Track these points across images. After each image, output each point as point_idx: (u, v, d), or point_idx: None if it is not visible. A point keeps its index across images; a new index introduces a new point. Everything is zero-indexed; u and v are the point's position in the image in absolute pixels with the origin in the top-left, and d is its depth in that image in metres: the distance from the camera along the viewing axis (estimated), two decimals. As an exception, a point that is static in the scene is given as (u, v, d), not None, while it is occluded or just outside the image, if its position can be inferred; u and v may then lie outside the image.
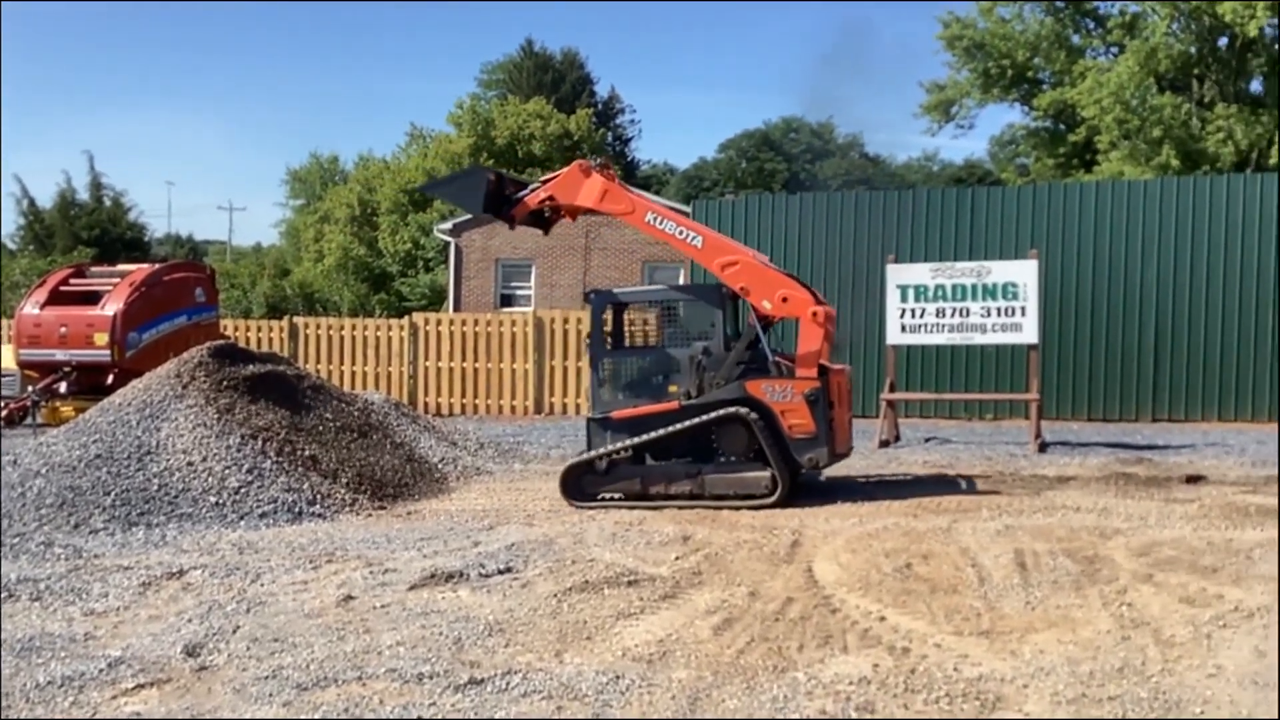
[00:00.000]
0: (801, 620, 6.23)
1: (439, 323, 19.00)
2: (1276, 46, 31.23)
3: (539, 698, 5.02)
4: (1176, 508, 8.85)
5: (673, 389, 9.89)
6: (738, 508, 9.44)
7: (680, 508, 9.52)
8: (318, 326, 19.53)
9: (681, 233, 10.05)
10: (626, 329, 10.44)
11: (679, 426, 9.71)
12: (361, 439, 11.22)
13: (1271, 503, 8.97)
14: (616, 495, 9.88)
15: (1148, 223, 15.87)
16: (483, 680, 5.23)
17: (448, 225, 32.31)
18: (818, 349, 9.75)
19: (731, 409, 9.61)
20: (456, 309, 30.07)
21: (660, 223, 10.09)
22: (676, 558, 7.67)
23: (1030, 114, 37.99)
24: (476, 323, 18.83)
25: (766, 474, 9.55)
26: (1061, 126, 36.57)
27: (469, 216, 32.53)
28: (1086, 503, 9.19)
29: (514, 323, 18.67)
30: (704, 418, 9.67)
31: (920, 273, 14.02)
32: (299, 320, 19.95)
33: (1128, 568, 7.05)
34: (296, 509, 9.51)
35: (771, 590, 6.84)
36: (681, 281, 25.42)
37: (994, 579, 6.95)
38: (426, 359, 18.69)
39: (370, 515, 9.73)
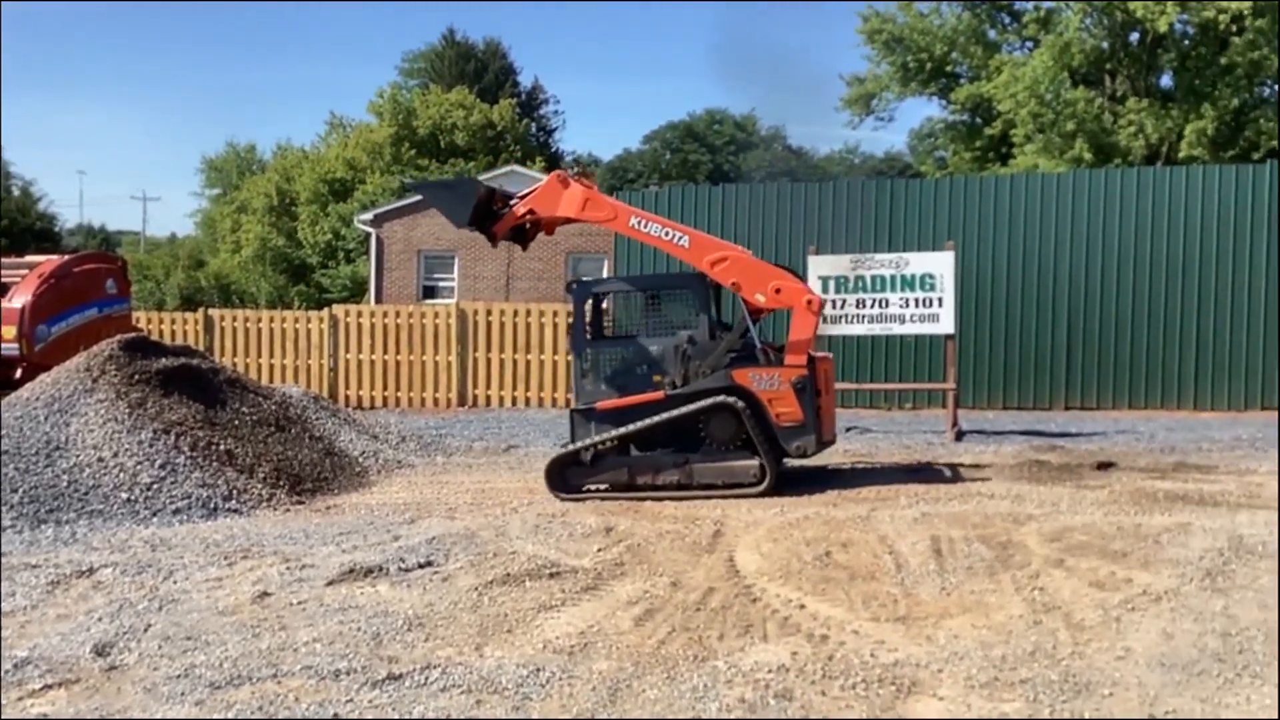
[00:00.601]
0: (722, 609, 6.27)
1: (360, 314, 18.78)
2: (1186, 42, 32.02)
3: (458, 692, 4.99)
4: (1088, 494, 9.05)
5: (657, 379, 9.84)
6: (727, 496, 9.43)
7: (670, 498, 9.47)
8: (234, 319, 19.19)
9: (667, 234, 9.99)
10: (607, 319, 10.36)
11: (666, 416, 9.64)
12: (279, 433, 11.05)
13: (1181, 488, 9.20)
14: (603, 487, 9.80)
15: (1060, 215, 16.19)
16: (401, 675, 5.19)
17: (369, 216, 31.92)
18: (809, 337, 9.80)
19: (719, 398, 9.58)
20: (378, 301, 29.73)
21: (645, 226, 10.04)
22: (599, 549, 7.67)
23: (948, 108, 38.53)
24: (398, 314, 18.63)
25: (755, 462, 9.54)
26: (978, 120, 37.13)
27: (390, 206, 32.23)
28: (1001, 489, 9.35)
29: (437, 314, 18.49)
30: (691, 407, 9.61)
31: (840, 264, 14.15)
32: (214, 312, 19.58)
33: (1040, 553, 7.19)
34: (211, 505, 9.34)
35: (693, 580, 6.87)
36: (606, 272, 25.39)
37: (911, 566, 7.05)
38: (347, 351, 18.46)
39: (288, 510, 9.59)
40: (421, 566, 7.21)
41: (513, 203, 10.41)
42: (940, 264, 13.61)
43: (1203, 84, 30.86)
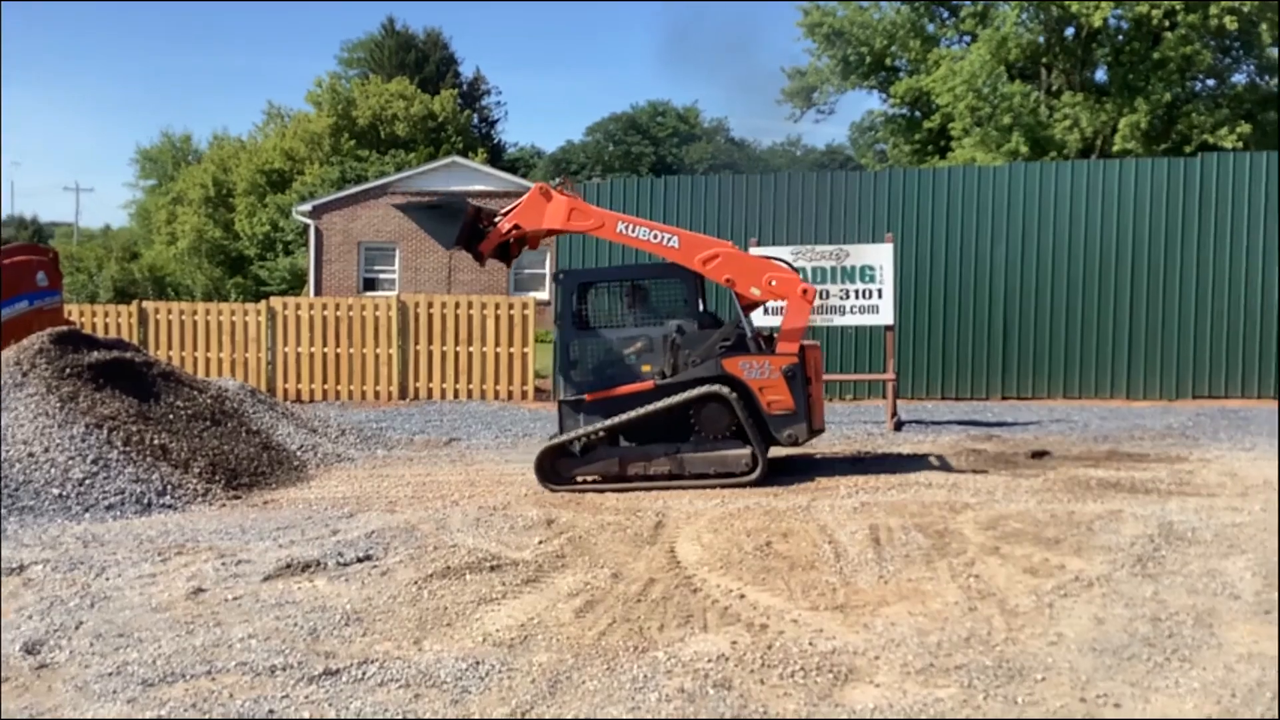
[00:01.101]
0: (663, 600, 6.28)
1: (298, 307, 18.54)
2: (1120, 37, 32.52)
3: (395, 686, 4.96)
4: (1023, 482, 9.18)
5: (646, 369, 9.82)
6: (716, 486, 9.43)
7: (661, 489, 9.45)
8: (169, 312, 18.87)
9: (656, 237, 9.94)
10: (594, 309, 10.25)
11: (658, 406, 9.61)
12: (215, 427, 10.89)
13: (1113, 475, 9.37)
14: (592, 478, 9.76)
15: (997, 207, 16.40)
16: (338, 671, 5.14)
17: (307, 207, 31.57)
18: (802, 326, 9.87)
19: (711, 387, 9.57)
20: (317, 293, 29.43)
21: (633, 230, 9.98)
22: (540, 541, 7.65)
23: (888, 101, 38.83)
24: (338, 307, 18.42)
25: (746, 452, 9.54)
26: (918, 113, 37.46)
27: (329, 197, 31.89)
28: (938, 479, 9.46)
29: (377, 307, 18.32)
30: (683, 396, 9.59)
31: (781, 255, 14.18)
32: (149, 305, 19.24)
33: (976, 541, 7.29)
34: (145, 500, 9.19)
35: (634, 571, 6.88)
36: (549, 265, 25.33)
37: (850, 555, 7.11)
38: (285, 344, 18.23)
39: (224, 505, 9.47)
40: (360, 561, 7.15)
41: (496, 220, 10.23)
42: (880, 256, 13.73)
43: (1136, 78, 31.36)
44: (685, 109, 72.87)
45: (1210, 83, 33.95)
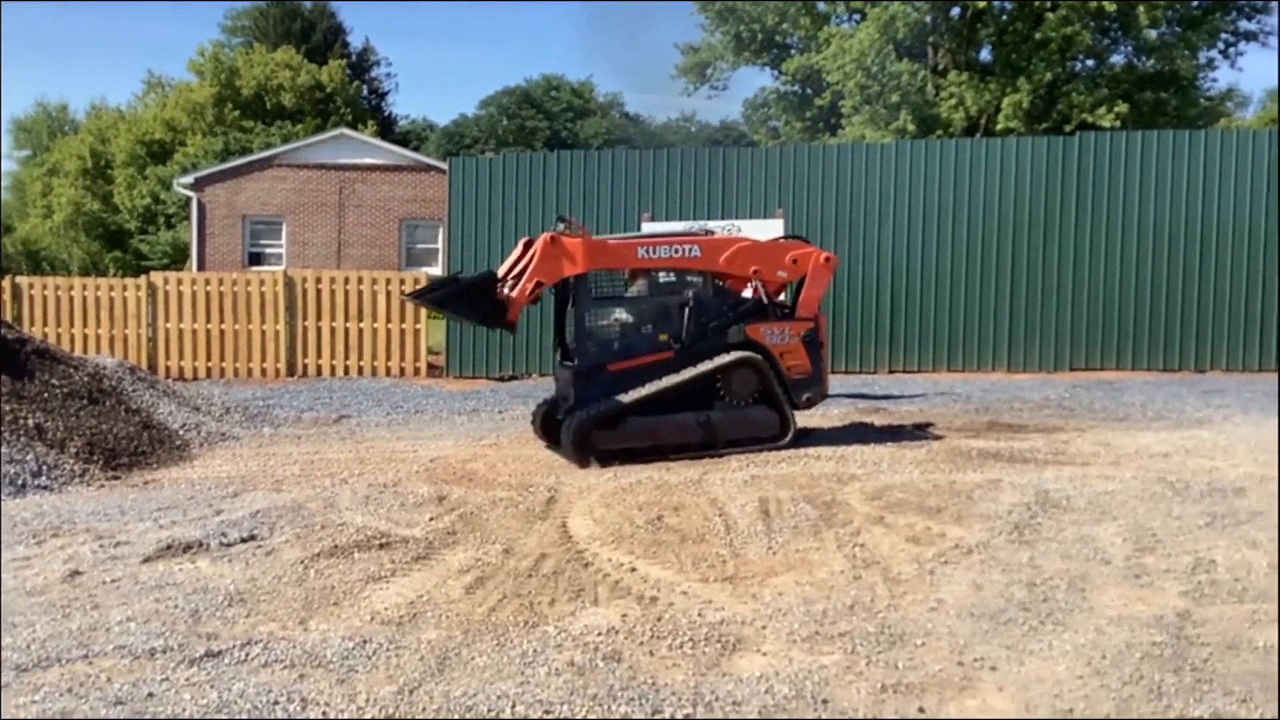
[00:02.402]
0: (554, 575, 6.29)
1: (180, 282, 18.04)
2: (1003, 17, 33.26)
3: (280, 667, 4.88)
4: (907, 453, 9.38)
5: (663, 337, 9.80)
6: (745, 451, 9.49)
7: (692, 458, 9.41)
8: (44, 287, 18.20)
9: (678, 251, 9.86)
10: (605, 278, 10.20)
11: (696, 372, 9.63)
12: (92, 406, 10.56)
13: (993, 446, 9.63)
14: (626, 449, 9.61)
15: (884, 184, 16.68)
16: (220, 652, 5.04)
17: (189, 179, 30.68)
18: (820, 293, 10.15)
19: (743, 353, 9.67)
20: (200, 268, 28.65)
21: (654, 252, 9.85)
22: (431, 518, 7.59)
23: (780, 78, 39.19)
24: (222, 282, 17.96)
25: (776, 416, 9.73)
26: (809, 91, 37.89)
27: (212, 169, 31.03)
28: (827, 451, 9.62)
29: (263, 282, 17.90)
30: (717, 362, 9.65)
31: (675, 229, 14.23)
32: (23, 280, 18.53)
33: (862, 511, 7.44)
34: (20, 482, 8.87)
35: (526, 547, 6.87)
36: (441, 240, 25.05)
37: (740, 527, 7.20)
38: (167, 321, 17.72)
39: (102, 486, 9.19)
40: (244, 541, 7.01)
41: (510, 286, 9.69)
42: (771, 231, 13.84)
43: (1019, 58, 32.13)
44: (579, 83, 72.58)
45: (1090, 63, 34.94)
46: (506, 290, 9.55)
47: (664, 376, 9.68)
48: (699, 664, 4.91)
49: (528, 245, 9.85)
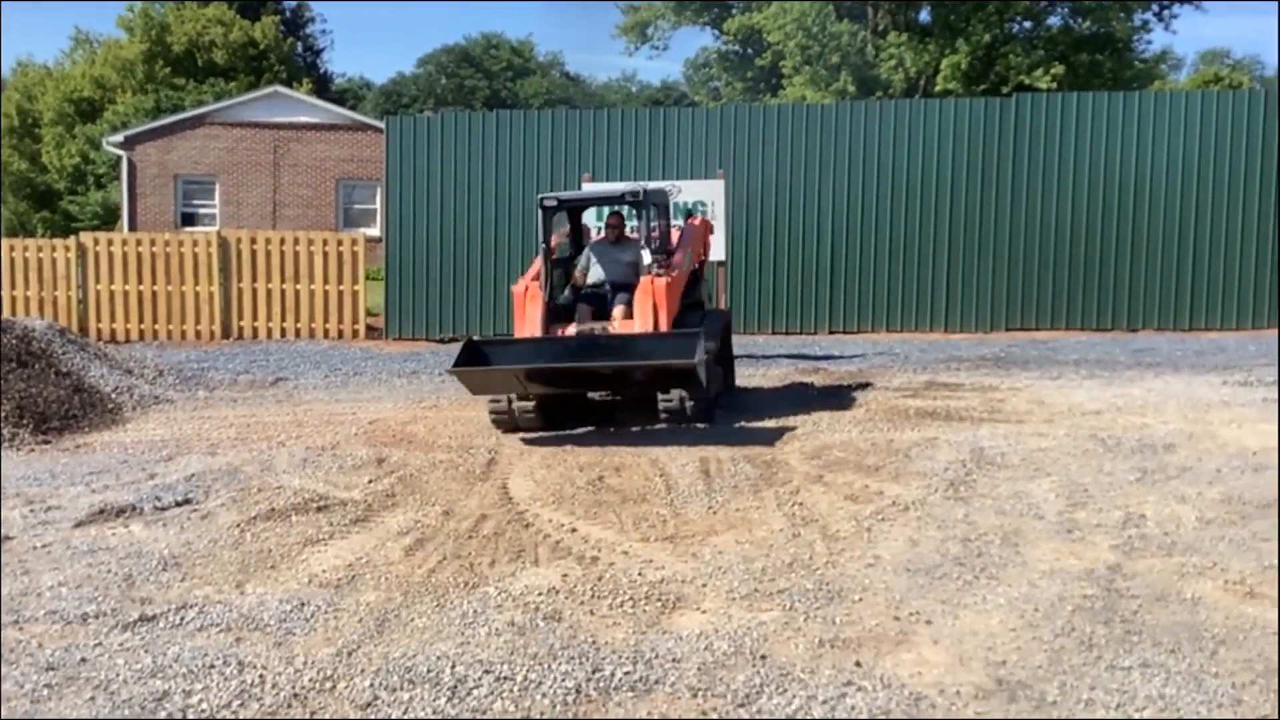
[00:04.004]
0: (495, 536, 6.28)
1: (111, 243, 17.64)
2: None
3: (216, 631, 4.83)
4: (846, 413, 9.47)
5: None
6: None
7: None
8: (-31, 248, 17.72)
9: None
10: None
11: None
12: (21, 369, 10.32)
13: (930, 405, 9.73)
14: None
15: (825, 145, 16.70)
16: (154, 617, 4.98)
17: (119, 138, 29.96)
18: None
19: None
20: (132, 228, 28.02)
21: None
22: (370, 481, 7.54)
23: (721, 38, 39.06)
24: (154, 243, 17.58)
25: None
26: (750, 51, 37.82)
27: (143, 128, 30.33)
28: (767, 410, 9.67)
29: (196, 243, 17.56)
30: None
31: (618, 189, 14.13)
32: (-54, 241, 18.02)
33: (801, 470, 7.50)
34: (-55, 447, 8.67)
35: (466, 508, 6.85)
36: (379, 201, 24.74)
37: (680, 487, 7.23)
38: (98, 282, 17.34)
39: (33, 450, 9.00)
40: (179, 505, 6.92)
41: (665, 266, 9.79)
42: (712, 191, 13.84)
43: (957, 19, 32.28)
44: (519, 42, 71.78)
45: (1027, 25, 35.19)
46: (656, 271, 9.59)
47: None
48: (639, 622, 4.93)
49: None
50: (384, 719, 4.03)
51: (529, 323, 9.44)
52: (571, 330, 9.43)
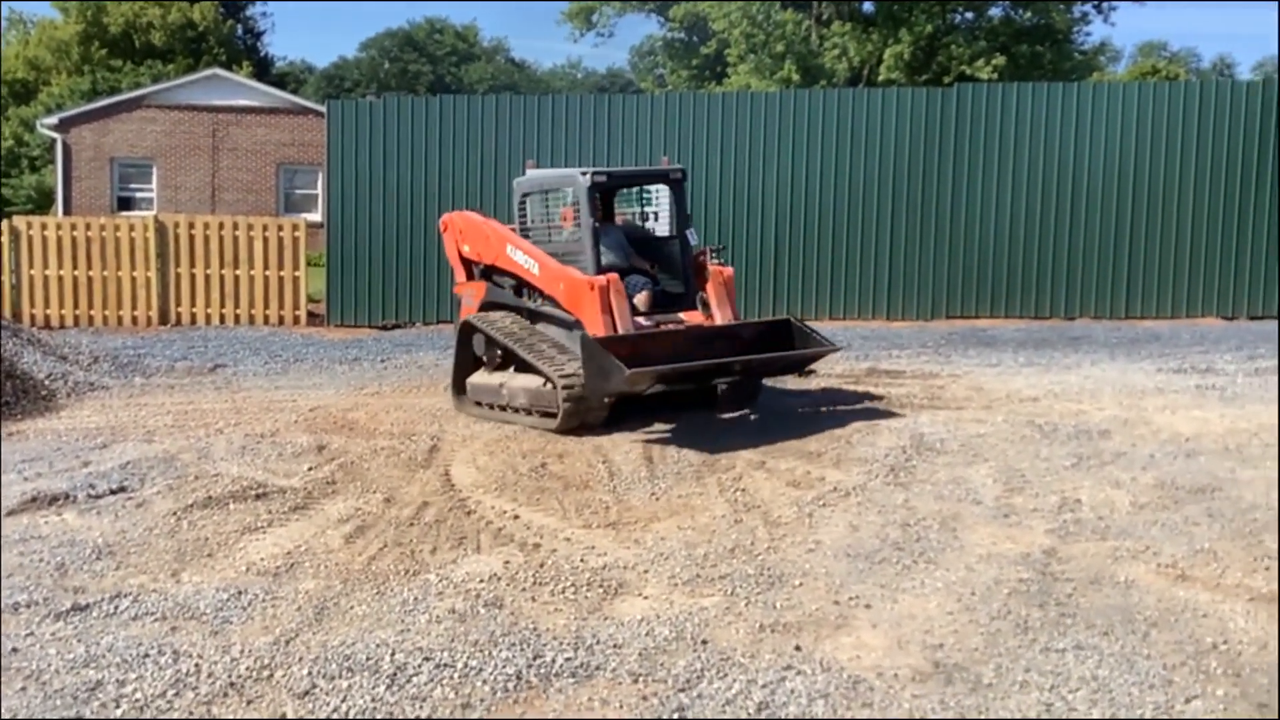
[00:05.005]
0: (436, 523, 6.24)
1: (45, 227, 17.26)
2: (885, -31, 33.56)
3: (151, 620, 4.76)
4: (788, 399, 9.51)
5: None
6: None
7: None
8: (-104, 231, 17.26)
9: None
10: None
11: None
12: (-50, 355, 10.08)
13: (872, 392, 9.81)
14: None
15: (769, 133, 16.75)
16: (88, 606, 4.90)
17: (54, 120, 29.31)
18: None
19: None
20: (67, 212, 27.44)
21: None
22: (310, 468, 7.47)
23: (667, 25, 39.05)
24: (89, 227, 17.23)
25: None
26: (695, 39, 37.85)
27: (78, 110, 29.71)
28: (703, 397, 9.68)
29: (133, 227, 17.23)
30: None
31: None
32: (-128, 224, 17.54)
33: (744, 456, 7.53)
34: None
35: (407, 496, 6.81)
36: (321, 185, 24.44)
37: (623, 474, 7.23)
38: (31, 267, 16.96)
39: (-38, 438, 8.80)
40: (114, 493, 6.81)
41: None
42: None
43: (900, 10, 32.49)
44: (464, 27, 71.28)
45: (969, 16, 35.51)
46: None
47: None
48: (581, 609, 4.93)
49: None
50: (323, 714, 4.00)
51: (620, 317, 8.52)
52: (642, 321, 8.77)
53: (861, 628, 4.67)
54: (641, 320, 8.78)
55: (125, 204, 28.59)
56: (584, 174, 9.07)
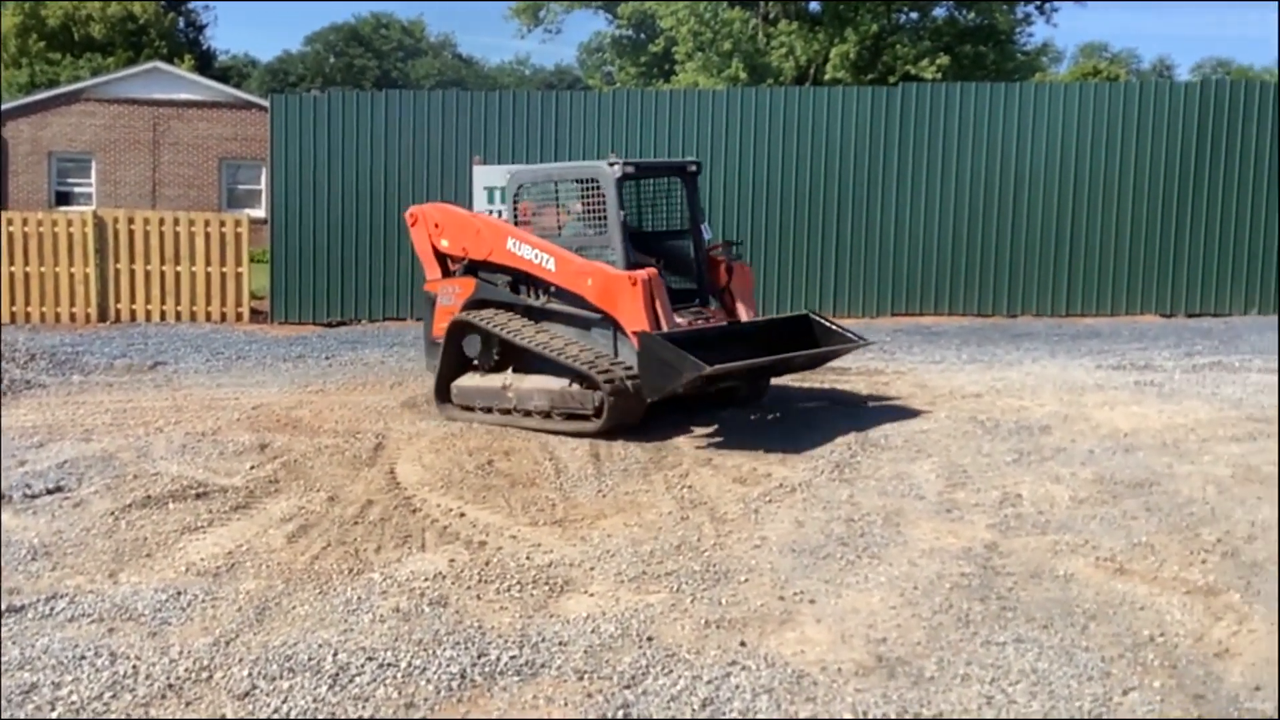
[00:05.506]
0: (381, 522, 6.20)
1: (-20, 222, 16.91)
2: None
3: (88, 621, 4.68)
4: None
5: None
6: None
7: None
8: None
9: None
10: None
11: None
12: (-121, 353, 9.84)
13: (814, 388, 9.87)
14: None
15: (716, 131, 16.79)
16: (23, 607, 4.81)
17: (-12, 113, 28.72)
18: None
19: None
20: (3, 207, 26.87)
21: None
22: (252, 467, 7.38)
23: (615, 22, 39.01)
24: (26, 222, 16.91)
25: None
26: (643, 36, 37.84)
27: (15, 103, 29.12)
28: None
29: (71, 223, 16.93)
30: None
31: (506, 174, 14.02)
32: None
33: (691, 453, 7.55)
34: None
35: (352, 494, 6.75)
36: (264, 181, 24.16)
37: (570, 471, 7.22)
38: (-35, 263, 16.62)
39: (-108, 438, 8.60)
40: (50, 492, 6.68)
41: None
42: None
43: (846, 9, 32.68)
44: (410, 22, 70.76)
45: (914, 16, 35.81)
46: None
47: None
48: (526, 606, 4.91)
49: None
50: (263, 715, 3.95)
51: (664, 313, 8.18)
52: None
53: (806, 623, 4.70)
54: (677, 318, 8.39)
55: (63, 199, 28.09)
56: (612, 164, 8.66)
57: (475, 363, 9.04)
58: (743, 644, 4.48)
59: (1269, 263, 15.85)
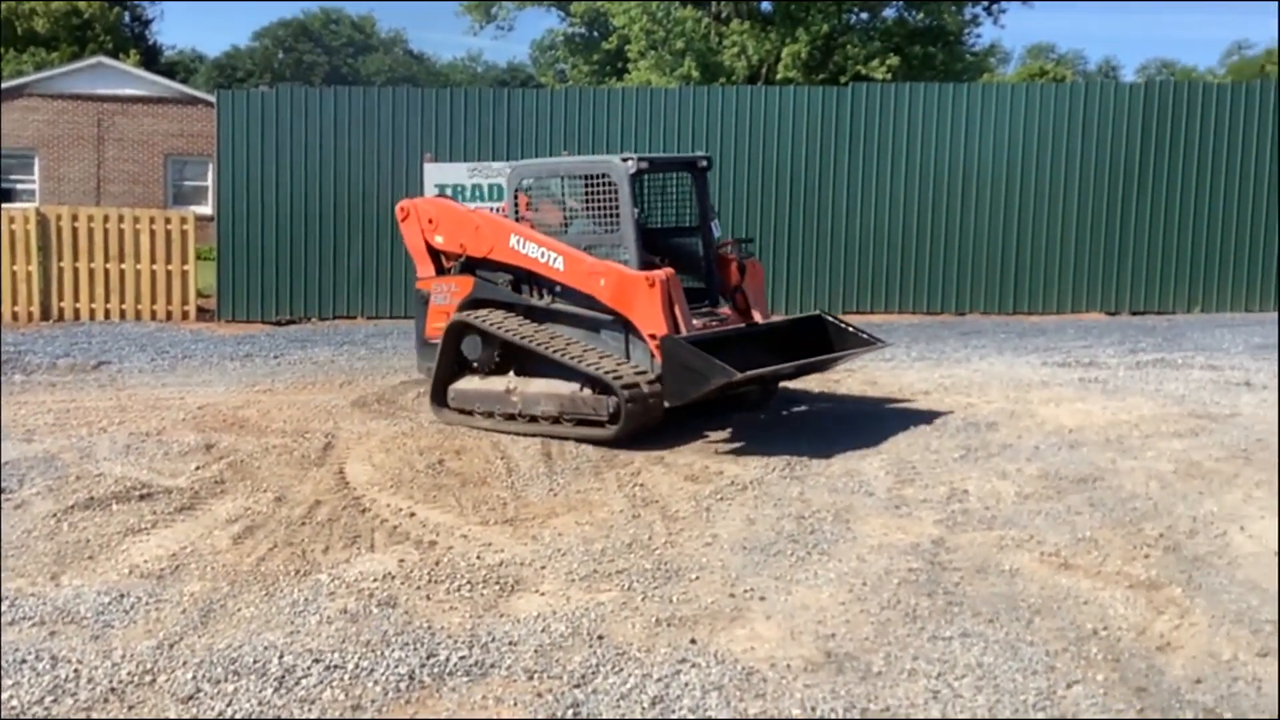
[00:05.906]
0: (329, 522, 6.14)
1: (-83, 219, 16.57)
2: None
3: (29, 625, 4.60)
4: (687, 394, 9.54)
5: None
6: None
7: None
8: None
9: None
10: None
11: None
12: None
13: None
14: None
15: (668, 129, 16.81)
16: (-40, 613, 4.71)
17: (-72, 108, 28.14)
18: None
19: None
20: (-57, 204, 26.43)
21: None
22: (197, 467, 7.29)
23: (567, 20, 38.92)
24: (-35, 219, 16.59)
25: None
26: (596, 34, 37.78)
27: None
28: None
29: (13, 220, 16.63)
30: None
31: (458, 172, 14.02)
32: None
33: (643, 452, 7.54)
34: None
35: (299, 494, 6.69)
36: (211, 177, 23.87)
37: (521, 469, 7.20)
38: (-97, 260, 16.28)
39: None
40: (-10, 494, 6.56)
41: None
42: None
43: (798, 9, 32.83)
44: (360, 18, 70.24)
45: (864, 16, 36.03)
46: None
47: None
48: (477, 606, 4.89)
49: None
50: (208, 718, 3.91)
51: (682, 315, 7.90)
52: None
53: (756, 619, 4.72)
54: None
55: (5, 195, 27.53)
56: (625, 160, 8.32)
57: (475, 365, 8.68)
58: (693, 641, 4.49)
59: (1211, 261, 16.14)
